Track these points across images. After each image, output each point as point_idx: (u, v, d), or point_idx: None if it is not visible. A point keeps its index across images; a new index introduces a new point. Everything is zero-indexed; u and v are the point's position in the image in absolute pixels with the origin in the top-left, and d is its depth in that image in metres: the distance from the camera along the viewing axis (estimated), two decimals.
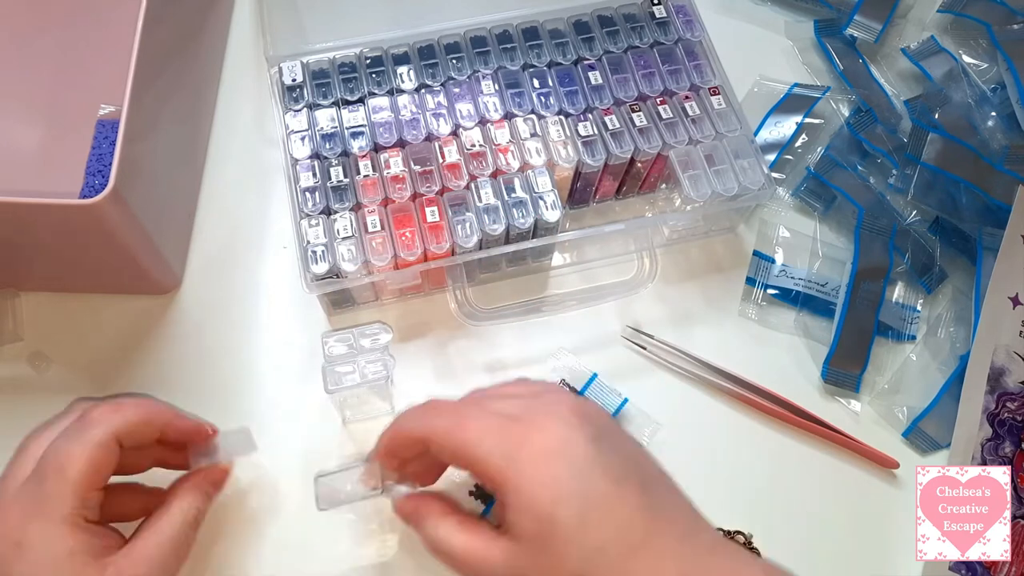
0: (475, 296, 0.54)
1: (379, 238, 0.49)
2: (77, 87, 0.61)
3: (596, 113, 0.54)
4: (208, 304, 0.55)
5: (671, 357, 0.55)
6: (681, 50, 0.58)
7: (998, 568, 0.49)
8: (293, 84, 0.54)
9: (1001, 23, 0.66)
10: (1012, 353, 0.54)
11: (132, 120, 0.45)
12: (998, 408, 0.53)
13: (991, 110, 0.62)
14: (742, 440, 0.53)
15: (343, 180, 0.51)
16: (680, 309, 0.57)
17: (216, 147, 0.61)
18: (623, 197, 0.60)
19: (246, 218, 0.58)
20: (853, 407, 0.55)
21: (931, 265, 0.59)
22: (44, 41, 0.62)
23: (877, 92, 0.65)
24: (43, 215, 0.43)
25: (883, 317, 0.56)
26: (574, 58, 0.57)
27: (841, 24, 0.68)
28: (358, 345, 0.47)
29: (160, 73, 0.50)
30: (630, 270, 0.56)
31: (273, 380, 0.53)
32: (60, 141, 0.59)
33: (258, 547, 0.48)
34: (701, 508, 0.37)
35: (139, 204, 0.46)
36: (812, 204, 0.61)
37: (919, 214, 0.60)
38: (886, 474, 0.53)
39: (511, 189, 0.51)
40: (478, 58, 0.56)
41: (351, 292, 0.53)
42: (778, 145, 0.63)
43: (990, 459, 0.52)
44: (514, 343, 0.55)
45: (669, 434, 0.52)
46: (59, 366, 0.53)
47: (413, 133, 0.53)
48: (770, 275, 0.58)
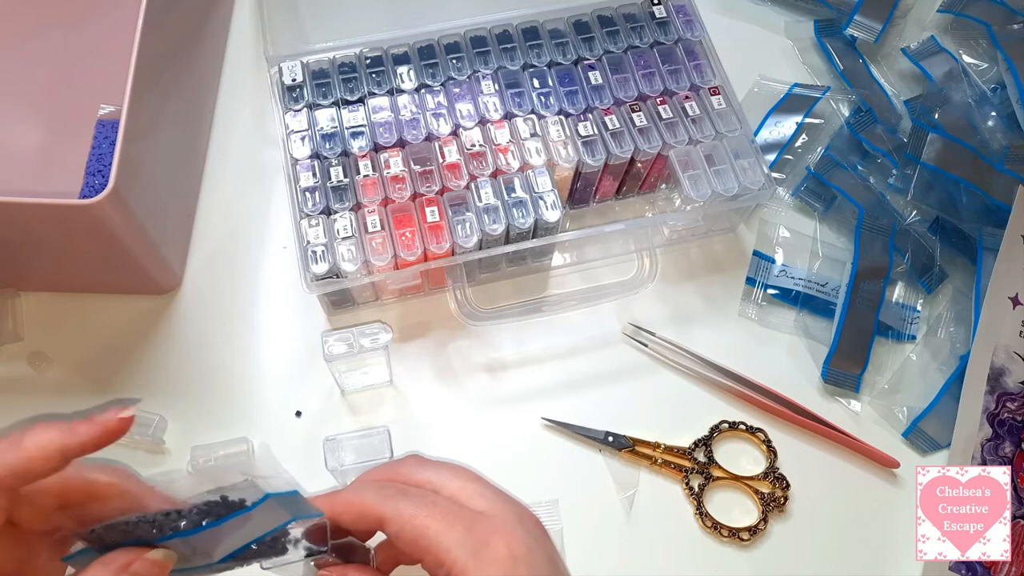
0: (475, 296, 0.54)
1: (379, 238, 0.49)
2: (77, 87, 0.61)
3: (596, 113, 0.54)
4: (208, 304, 0.55)
5: (672, 355, 0.55)
6: (681, 50, 0.58)
7: (998, 568, 0.49)
8: (293, 84, 0.54)
9: (1001, 23, 0.66)
10: (1012, 353, 0.54)
11: (132, 120, 0.45)
12: (998, 408, 0.53)
13: (991, 110, 0.62)
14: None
15: (343, 180, 0.51)
16: (680, 309, 0.57)
17: (216, 147, 0.61)
18: (623, 197, 0.60)
19: (246, 218, 0.58)
20: (853, 407, 0.55)
21: (931, 265, 0.59)
22: (44, 41, 0.62)
23: (877, 92, 0.65)
24: (43, 215, 0.43)
25: (883, 317, 0.56)
26: (574, 58, 0.57)
27: (841, 24, 0.68)
28: (358, 344, 0.47)
29: (160, 73, 0.50)
30: (630, 270, 0.56)
31: (273, 380, 0.53)
32: (60, 141, 0.59)
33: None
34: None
35: (139, 204, 0.46)
36: (812, 204, 0.61)
37: (919, 214, 0.60)
38: (886, 474, 0.53)
39: (511, 189, 0.51)
40: (478, 58, 0.56)
41: (351, 292, 0.53)
42: (778, 145, 0.63)
43: (990, 459, 0.52)
44: (514, 343, 0.55)
45: (671, 433, 0.52)
46: (59, 366, 0.53)
47: (413, 133, 0.53)
48: (770, 275, 0.58)
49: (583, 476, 0.52)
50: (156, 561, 0.32)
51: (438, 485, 0.36)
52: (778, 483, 0.51)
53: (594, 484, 0.51)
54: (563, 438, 0.53)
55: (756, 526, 0.50)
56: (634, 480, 0.51)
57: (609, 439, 0.52)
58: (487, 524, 0.34)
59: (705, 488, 0.51)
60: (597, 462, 0.52)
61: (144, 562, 0.32)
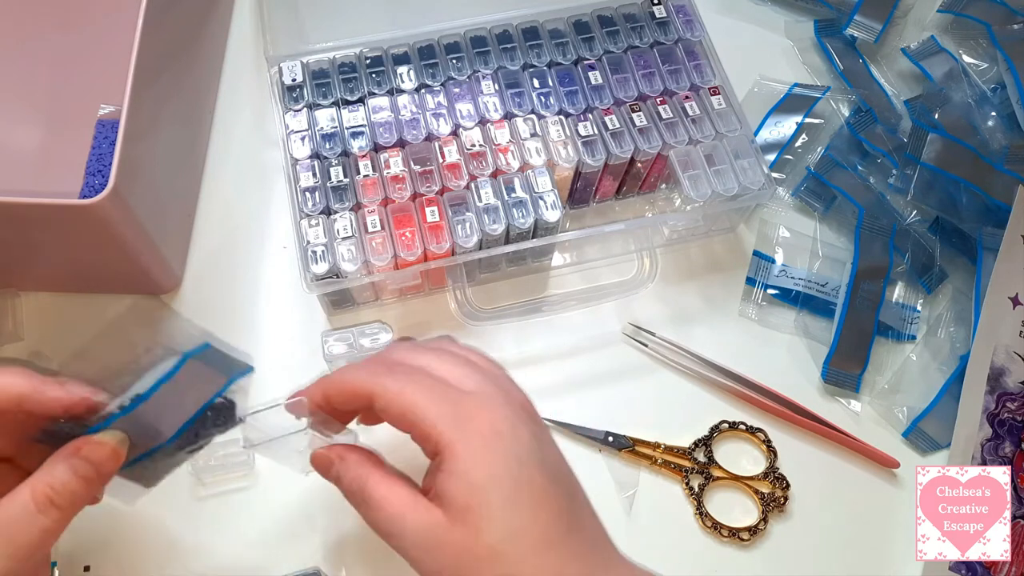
0: (475, 296, 0.54)
1: (379, 238, 0.49)
2: (77, 87, 0.61)
3: (596, 113, 0.54)
4: (208, 304, 0.55)
5: (672, 355, 0.55)
6: (681, 50, 0.58)
7: (998, 568, 0.49)
8: (293, 84, 0.54)
9: (1001, 23, 0.66)
10: (1012, 353, 0.54)
11: (132, 120, 0.45)
12: (998, 408, 0.53)
13: (991, 110, 0.62)
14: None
15: (343, 180, 0.51)
16: (680, 309, 0.57)
17: (216, 147, 0.61)
18: (623, 197, 0.60)
19: (246, 218, 0.58)
20: (853, 407, 0.55)
21: (931, 265, 0.59)
22: (44, 41, 0.62)
23: (877, 92, 0.65)
24: (43, 215, 0.43)
25: (883, 317, 0.56)
26: (574, 58, 0.57)
27: (841, 24, 0.68)
28: (358, 344, 0.47)
29: (160, 73, 0.50)
30: (630, 270, 0.56)
31: (273, 380, 0.53)
32: (60, 141, 0.59)
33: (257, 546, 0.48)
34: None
35: (139, 204, 0.46)
36: (812, 204, 0.61)
37: (919, 214, 0.60)
38: (886, 474, 0.53)
39: (511, 189, 0.51)
40: (478, 58, 0.56)
41: (351, 292, 0.53)
42: (778, 145, 0.63)
43: (990, 459, 0.52)
44: (514, 343, 0.55)
45: (671, 433, 0.52)
46: (59, 366, 0.53)
47: (413, 133, 0.53)
48: (770, 275, 0.58)
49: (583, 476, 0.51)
50: (103, 442, 0.33)
51: (428, 369, 0.37)
52: (778, 483, 0.51)
53: (594, 484, 0.50)
54: (563, 438, 0.52)
55: (756, 526, 0.50)
56: (634, 480, 0.51)
57: (609, 439, 0.52)
58: (472, 401, 0.35)
59: (705, 488, 0.51)
60: (597, 462, 0.52)
61: (93, 445, 0.33)
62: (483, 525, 0.33)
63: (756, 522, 0.50)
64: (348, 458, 0.37)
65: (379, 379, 0.36)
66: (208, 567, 0.47)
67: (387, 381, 0.36)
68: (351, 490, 0.37)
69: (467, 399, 0.36)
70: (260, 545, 0.48)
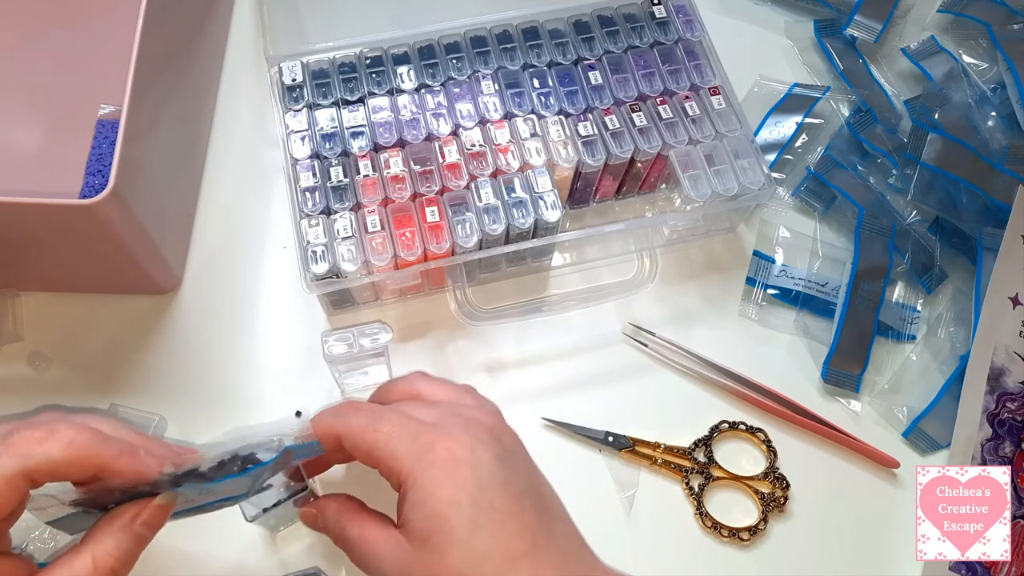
0: (475, 296, 0.54)
1: (379, 238, 0.49)
2: (77, 87, 0.61)
3: (596, 113, 0.54)
4: (208, 304, 0.55)
5: (672, 355, 0.55)
6: (681, 50, 0.58)
7: (998, 568, 0.49)
8: (293, 84, 0.54)
9: (1001, 23, 0.66)
10: (1012, 353, 0.54)
11: (132, 120, 0.44)
12: (998, 408, 0.53)
13: (991, 110, 0.62)
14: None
15: (343, 180, 0.51)
16: (680, 309, 0.57)
17: (216, 147, 0.61)
18: (623, 197, 0.60)
19: (246, 218, 0.58)
20: (853, 407, 0.55)
21: (931, 265, 0.59)
22: (44, 41, 0.62)
23: (877, 92, 0.65)
24: (43, 215, 0.43)
25: (883, 317, 0.56)
26: (574, 58, 0.57)
27: (841, 24, 0.68)
28: (358, 344, 0.47)
29: (160, 73, 0.50)
30: (630, 270, 0.56)
31: (273, 380, 0.53)
32: (60, 141, 0.59)
33: (257, 546, 0.48)
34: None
35: (139, 204, 0.46)
36: (812, 204, 0.61)
37: (919, 214, 0.60)
38: (886, 474, 0.53)
39: (511, 189, 0.51)
40: (478, 58, 0.56)
41: (351, 292, 0.53)
42: (778, 145, 0.63)
43: (990, 459, 0.52)
44: (514, 343, 0.55)
45: (671, 433, 0.52)
46: (59, 366, 0.53)
47: (413, 133, 0.53)
48: (770, 275, 0.58)
49: (583, 476, 0.52)
50: (163, 506, 0.35)
51: (396, 407, 0.40)
52: (778, 483, 0.51)
53: (594, 484, 0.51)
54: (563, 438, 0.53)
55: (756, 526, 0.50)
56: (634, 480, 0.51)
57: (609, 439, 0.52)
58: (431, 432, 0.37)
59: (705, 488, 0.51)
60: (597, 462, 0.52)
61: (154, 510, 0.35)
62: (446, 550, 0.34)
63: (756, 522, 0.50)
64: (327, 509, 0.40)
65: (343, 419, 0.38)
66: (208, 567, 0.47)
67: (353, 420, 0.38)
68: (334, 536, 0.40)
69: (426, 430, 0.37)
70: (260, 545, 0.48)
